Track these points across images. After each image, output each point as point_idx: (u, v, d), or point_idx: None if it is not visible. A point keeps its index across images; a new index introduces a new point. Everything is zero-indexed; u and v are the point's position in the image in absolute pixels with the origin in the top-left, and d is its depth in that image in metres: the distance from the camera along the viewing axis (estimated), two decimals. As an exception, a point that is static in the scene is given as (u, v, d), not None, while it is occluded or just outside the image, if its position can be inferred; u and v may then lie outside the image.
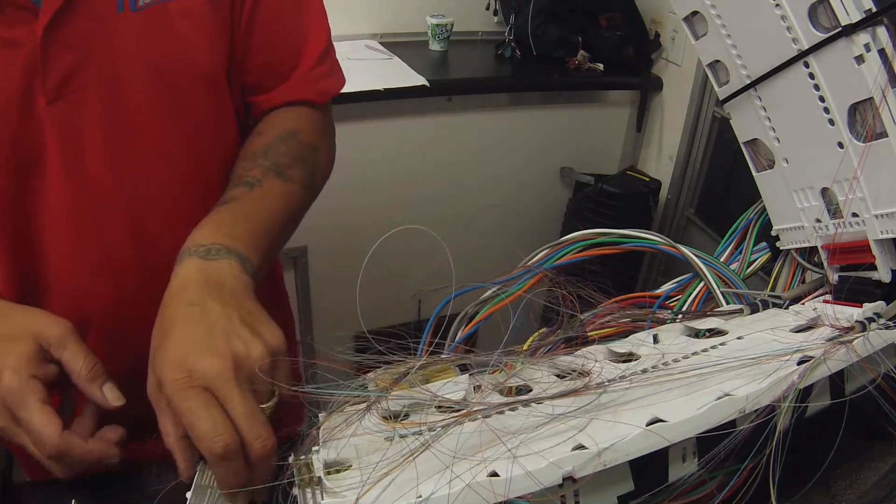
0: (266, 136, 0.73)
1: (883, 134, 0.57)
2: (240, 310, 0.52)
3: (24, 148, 0.60)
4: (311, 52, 0.76)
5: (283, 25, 0.74)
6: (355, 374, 0.51)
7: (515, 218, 2.08)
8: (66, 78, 0.59)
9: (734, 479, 0.49)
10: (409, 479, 0.42)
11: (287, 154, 0.71)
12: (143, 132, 0.66)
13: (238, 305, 0.52)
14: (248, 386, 0.47)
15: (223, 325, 0.50)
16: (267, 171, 0.68)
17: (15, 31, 0.56)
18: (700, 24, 0.70)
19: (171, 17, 0.63)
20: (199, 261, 0.55)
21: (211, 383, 0.46)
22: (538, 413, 0.47)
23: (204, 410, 0.45)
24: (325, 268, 1.89)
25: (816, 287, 0.69)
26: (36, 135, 0.60)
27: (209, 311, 0.51)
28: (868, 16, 0.55)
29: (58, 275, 0.67)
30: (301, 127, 0.75)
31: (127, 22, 0.61)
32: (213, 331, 0.49)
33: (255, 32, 0.72)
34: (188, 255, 0.56)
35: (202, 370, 0.46)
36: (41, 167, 0.62)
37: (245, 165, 0.69)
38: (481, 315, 0.66)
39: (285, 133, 0.73)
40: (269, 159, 0.70)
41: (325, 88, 0.79)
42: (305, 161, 0.72)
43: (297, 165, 0.71)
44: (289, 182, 0.69)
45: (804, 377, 0.48)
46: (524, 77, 2.03)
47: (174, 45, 0.64)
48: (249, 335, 0.50)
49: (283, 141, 0.72)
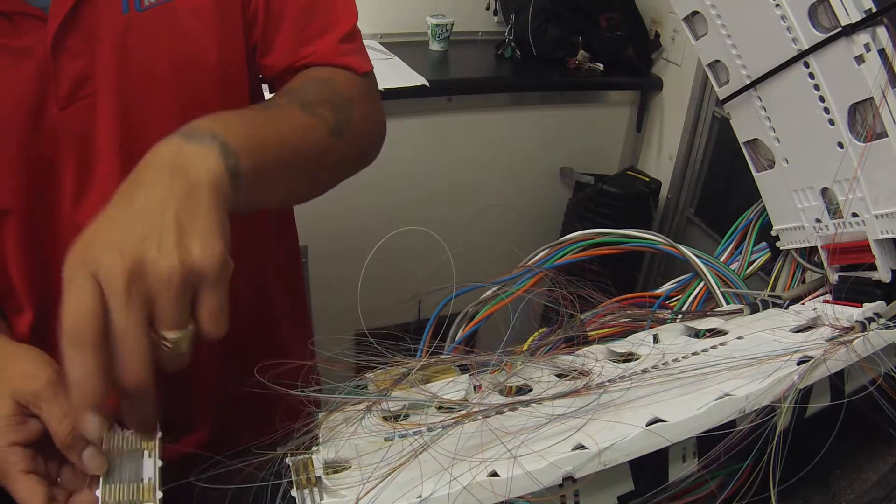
0: (298, 79, 0.69)
1: (883, 134, 0.57)
2: (181, 207, 0.43)
3: (37, 155, 0.60)
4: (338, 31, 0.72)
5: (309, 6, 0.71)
6: (355, 374, 0.51)
7: (515, 218, 2.08)
8: (77, 83, 0.59)
9: (734, 479, 0.49)
10: (409, 480, 0.42)
11: (316, 94, 0.66)
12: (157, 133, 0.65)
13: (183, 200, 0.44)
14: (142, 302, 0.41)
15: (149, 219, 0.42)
16: (290, 102, 0.63)
17: (25, 40, 0.56)
18: (700, 24, 0.70)
19: (178, 16, 0.63)
20: (177, 140, 0.48)
21: (100, 278, 0.40)
22: (538, 413, 0.47)
23: (78, 292, 0.40)
24: (324, 267, 1.89)
25: (816, 287, 0.69)
26: (49, 142, 0.60)
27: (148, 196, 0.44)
28: (868, 16, 0.55)
29: None
30: (337, 78, 0.70)
31: (134, 22, 0.61)
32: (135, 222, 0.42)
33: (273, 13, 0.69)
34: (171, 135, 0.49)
35: (98, 262, 0.40)
36: (54, 174, 0.62)
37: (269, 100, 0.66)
38: (481, 315, 0.66)
39: (319, 79, 0.69)
40: (296, 95, 0.65)
41: (351, 62, 0.73)
42: (335, 105, 0.66)
43: (325, 105, 0.65)
44: (311, 116, 0.63)
45: (804, 377, 0.48)
46: (524, 77, 2.03)
47: (183, 43, 0.64)
48: (171, 241, 0.42)
49: (315, 84, 0.68)
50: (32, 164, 0.60)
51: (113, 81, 0.61)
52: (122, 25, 0.60)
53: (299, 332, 0.91)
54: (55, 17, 0.56)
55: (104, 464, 0.45)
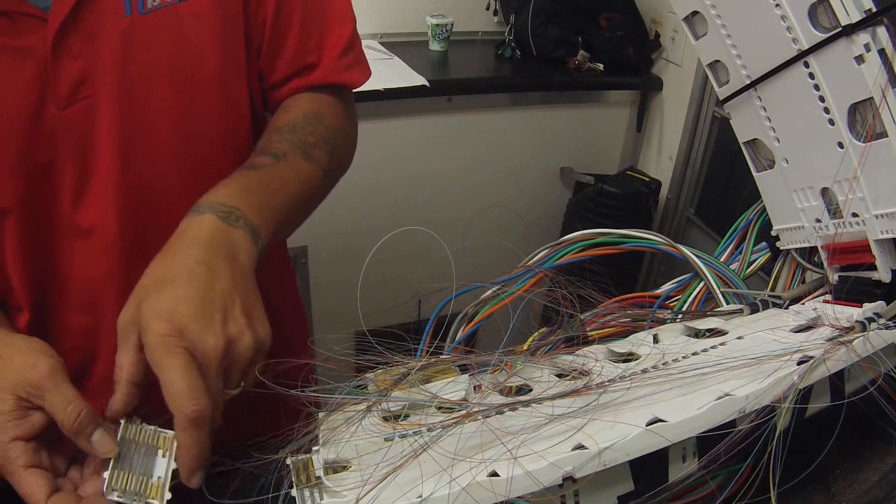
0: (293, 112, 0.73)
1: (883, 134, 0.57)
2: (242, 294, 0.52)
3: (36, 156, 0.60)
4: (338, 40, 0.75)
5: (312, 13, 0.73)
6: (355, 374, 0.51)
7: (515, 218, 2.08)
8: (77, 84, 0.59)
9: (734, 479, 0.49)
10: (409, 480, 0.42)
11: (313, 133, 0.71)
12: (155, 136, 0.65)
13: (243, 288, 0.52)
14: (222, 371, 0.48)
15: (225, 303, 0.50)
16: (294, 148, 0.68)
17: (25, 40, 0.56)
18: (700, 24, 0.70)
19: (179, 20, 0.63)
20: (217, 220, 0.55)
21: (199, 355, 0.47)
22: (538, 413, 0.47)
23: (186, 371, 0.45)
24: (325, 267, 1.89)
25: (816, 287, 0.69)
26: (48, 141, 0.60)
27: (216, 279, 0.50)
28: (868, 16, 0.55)
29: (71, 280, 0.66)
30: (326, 111, 0.75)
31: (136, 25, 0.61)
32: (214, 305, 0.49)
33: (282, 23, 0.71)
34: (208, 209, 0.55)
35: (195, 339, 0.47)
36: (54, 174, 0.61)
37: (272, 138, 0.69)
38: (481, 315, 0.66)
39: (312, 114, 0.73)
40: (297, 136, 0.69)
41: (350, 79, 0.78)
42: (328, 143, 0.72)
43: (321, 146, 0.71)
44: (312, 163, 0.69)
45: (804, 377, 0.48)
46: (524, 77, 2.03)
47: (184, 47, 0.64)
48: (245, 324, 0.50)
49: (309, 121, 0.72)
50: (32, 164, 0.60)
51: (113, 83, 0.61)
52: (124, 27, 0.60)
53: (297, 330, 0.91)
54: (56, 17, 0.56)
55: (115, 446, 0.46)
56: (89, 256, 0.66)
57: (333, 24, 0.75)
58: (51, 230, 0.64)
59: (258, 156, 0.66)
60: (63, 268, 0.66)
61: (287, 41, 0.72)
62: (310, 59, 0.74)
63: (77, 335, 0.69)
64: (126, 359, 0.47)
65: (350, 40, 0.76)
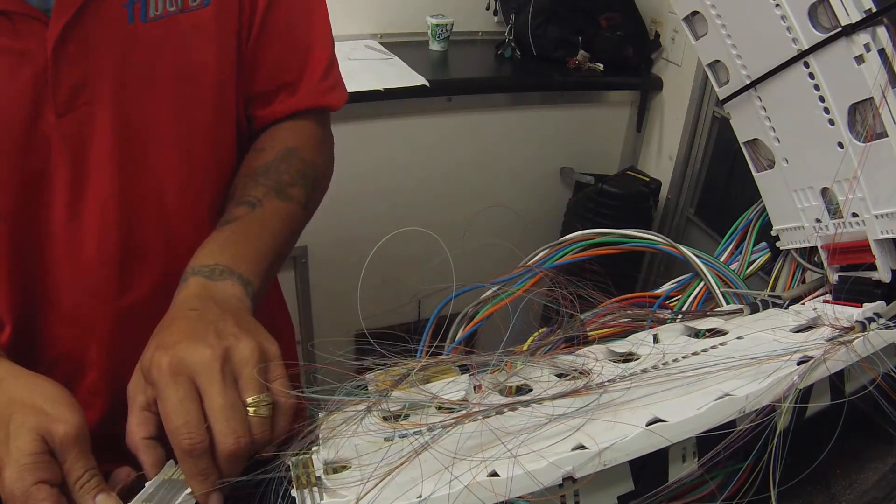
0: (267, 153, 0.73)
1: (883, 134, 0.57)
2: (237, 318, 0.53)
3: (31, 162, 0.59)
4: (318, 63, 0.76)
5: (293, 34, 0.74)
6: (355, 374, 0.51)
7: (515, 218, 2.08)
8: (76, 90, 0.58)
9: (734, 479, 0.49)
10: (409, 480, 0.42)
11: (287, 172, 0.72)
12: (151, 145, 0.65)
13: (234, 317, 0.53)
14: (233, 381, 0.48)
15: (218, 325, 0.51)
16: (268, 191, 0.69)
17: (25, 42, 0.55)
18: (700, 24, 0.70)
19: (181, 30, 0.63)
20: (203, 280, 0.57)
21: (196, 372, 0.47)
22: (538, 413, 0.47)
23: (182, 403, 0.46)
24: (325, 268, 1.89)
25: (816, 287, 0.69)
26: (43, 149, 0.59)
27: (207, 313, 0.52)
28: (868, 16, 0.55)
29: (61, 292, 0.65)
30: (301, 144, 0.76)
31: (137, 34, 0.60)
32: (208, 328, 0.50)
33: (264, 42, 0.72)
34: (193, 274, 0.58)
35: (190, 359, 0.47)
36: (47, 182, 0.60)
37: (246, 183, 0.70)
38: (481, 315, 0.66)
39: (286, 150, 0.74)
40: (271, 178, 0.71)
41: (330, 102, 0.79)
42: (305, 178, 0.73)
43: (297, 184, 0.72)
44: (289, 202, 0.70)
45: (804, 377, 0.48)
46: (524, 77, 2.03)
47: (184, 57, 0.64)
48: (241, 333, 0.51)
49: (283, 159, 0.73)
50: (25, 172, 0.59)
51: (111, 90, 0.60)
52: (125, 35, 0.59)
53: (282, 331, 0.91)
54: (58, 21, 0.55)
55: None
56: (80, 267, 0.64)
57: (316, 42, 0.76)
58: (42, 240, 0.63)
59: (235, 206, 0.67)
60: (52, 279, 0.64)
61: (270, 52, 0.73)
62: (291, 77, 0.75)
63: (64, 347, 0.68)
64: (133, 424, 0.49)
65: (329, 62, 0.78)
